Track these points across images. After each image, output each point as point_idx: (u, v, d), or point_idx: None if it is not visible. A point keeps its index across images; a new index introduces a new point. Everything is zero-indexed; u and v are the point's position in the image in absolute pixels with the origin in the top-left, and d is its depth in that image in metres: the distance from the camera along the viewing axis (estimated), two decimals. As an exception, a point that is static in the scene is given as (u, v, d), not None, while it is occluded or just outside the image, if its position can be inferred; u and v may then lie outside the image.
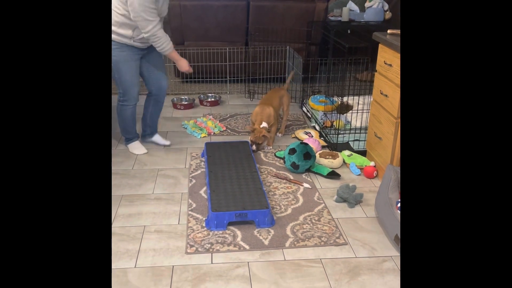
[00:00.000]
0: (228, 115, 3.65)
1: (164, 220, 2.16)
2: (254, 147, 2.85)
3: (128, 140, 2.89)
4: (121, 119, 2.76)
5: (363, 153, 2.89)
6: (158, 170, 2.69)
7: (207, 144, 2.84)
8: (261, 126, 2.88)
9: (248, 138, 3.16)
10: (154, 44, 2.47)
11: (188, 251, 1.95)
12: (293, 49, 3.98)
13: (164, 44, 2.48)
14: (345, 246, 2.02)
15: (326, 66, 3.89)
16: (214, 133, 3.27)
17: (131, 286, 1.74)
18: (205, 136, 3.21)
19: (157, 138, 3.02)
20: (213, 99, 3.88)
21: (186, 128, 3.34)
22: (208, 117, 3.50)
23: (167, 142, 2.99)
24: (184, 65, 2.69)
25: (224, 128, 3.35)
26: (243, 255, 1.93)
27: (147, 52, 2.65)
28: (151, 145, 3.02)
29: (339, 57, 3.10)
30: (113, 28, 2.40)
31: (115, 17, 2.37)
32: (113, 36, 2.42)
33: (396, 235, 1.97)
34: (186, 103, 3.78)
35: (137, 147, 2.89)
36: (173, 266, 1.86)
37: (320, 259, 1.92)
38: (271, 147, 3.00)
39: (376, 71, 2.62)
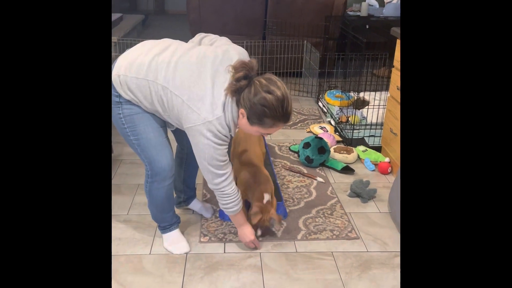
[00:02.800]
0: (244, 108, 3.67)
1: (179, 210, 2.20)
2: (259, 232, 1.97)
3: (164, 228, 1.94)
4: (150, 201, 1.84)
5: (378, 149, 2.88)
6: (174, 160, 2.73)
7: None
8: (265, 200, 1.93)
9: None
10: (217, 198, 1.76)
11: (202, 240, 1.99)
12: (311, 44, 3.97)
13: (231, 204, 1.74)
14: (356, 240, 2.03)
15: (344, 61, 3.87)
16: (230, 125, 3.29)
17: (146, 272, 1.78)
18: (220, 129, 3.24)
19: (197, 205, 2.18)
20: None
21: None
22: (224, 110, 3.53)
23: (209, 213, 2.17)
24: (248, 236, 1.88)
25: (240, 121, 3.37)
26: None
27: None
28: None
29: (357, 52, 3.09)
30: (126, 91, 1.56)
31: (141, 88, 1.55)
32: (124, 95, 1.57)
33: (408, 231, 1.97)
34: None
35: (175, 242, 1.93)
36: (186, 254, 1.90)
37: (332, 252, 1.94)
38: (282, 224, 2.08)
39: (393, 66, 2.60)
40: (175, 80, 1.50)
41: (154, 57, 1.54)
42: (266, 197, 1.94)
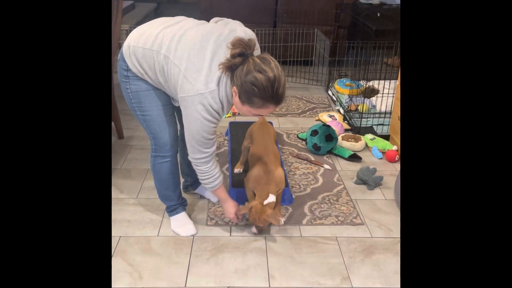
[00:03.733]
0: (254, 96, 3.69)
1: (187, 194, 2.25)
2: (254, 229, 1.94)
3: (171, 210, 1.99)
4: (156, 178, 1.90)
5: (386, 137, 2.88)
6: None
7: (231, 123, 2.90)
8: (266, 201, 1.87)
9: (270, 119, 3.20)
10: (197, 173, 1.78)
11: (209, 223, 2.03)
12: (321, 32, 3.96)
13: (209, 180, 1.76)
14: (361, 226, 2.05)
15: (353, 49, 3.85)
16: (238, 113, 3.32)
17: (154, 253, 1.84)
18: (229, 116, 3.27)
19: (204, 189, 2.23)
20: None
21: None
22: (233, 98, 3.55)
23: (215, 199, 2.19)
24: (230, 211, 1.91)
25: (249, 109, 3.40)
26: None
27: None
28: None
29: (368, 40, 3.07)
30: (134, 61, 1.61)
31: (146, 58, 1.59)
32: (137, 69, 1.63)
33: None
34: (213, 83, 3.84)
35: (182, 224, 1.97)
36: (193, 236, 1.94)
37: (336, 237, 1.97)
38: (282, 220, 1.86)
39: (402, 54, 2.59)
40: (176, 51, 1.53)
41: (163, 29, 1.58)
42: (271, 198, 1.89)
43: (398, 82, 2.71)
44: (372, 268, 1.78)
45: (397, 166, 2.61)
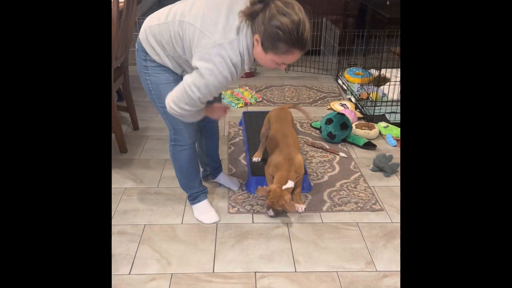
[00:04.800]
0: (264, 86, 3.71)
1: (207, 183, 2.27)
2: (271, 212, 1.98)
3: (193, 198, 2.01)
4: (176, 166, 1.91)
5: (399, 125, 2.90)
6: (199, 137, 2.80)
7: (244, 113, 2.91)
8: (285, 186, 1.92)
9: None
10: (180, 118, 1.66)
11: (230, 211, 2.06)
12: (330, 21, 3.95)
13: (190, 118, 1.66)
14: (381, 212, 2.08)
15: (363, 38, 3.85)
16: (251, 103, 3.34)
17: (179, 240, 1.87)
18: (242, 106, 3.28)
19: (223, 178, 2.24)
20: (248, 71, 3.93)
21: (223, 98, 3.42)
22: (244, 88, 3.57)
23: (236, 185, 2.23)
24: (214, 112, 1.78)
25: (260, 99, 3.41)
26: (282, 217, 2.02)
27: None
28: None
29: (378, 29, 3.08)
30: (157, 49, 1.60)
31: (168, 47, 1.58)
32: (153, 54, 1.62)
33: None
34: (222, 74, 3.85)
35: (205, 212, 1.99)
36: (217, 224, 1.97)
37: (357, 223, 2.00)
38: (303, 207, 2.03)
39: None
40: (191, 12, 1.49)
41: (175, 4, 1.58)
42: (289, 184, 1.93)
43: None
44: (394, 253, 1.81)
45: (412, 153, 2.63)
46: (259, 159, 2.35)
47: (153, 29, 1.59)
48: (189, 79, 1.49)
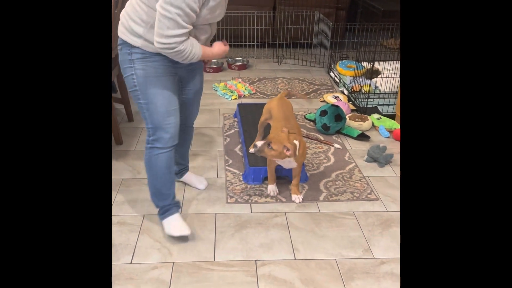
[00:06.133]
0: (257, 78, 3.72)
1: (204, 174, 2.28)
2: (259, 143, 1.93)
3: (164, 212, 1.84)
4: (151, 173, 1.76)
5: (391, 117, 2.95)
6: (194, 129, 2.80)
7: (239, 105, 2.92)
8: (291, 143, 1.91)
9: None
10: (172, 57, 1.53)
11: (229, 201, 2.08)
12: (322, 14, 3.98)
13: (191, 54, 1.53)
14: (376, 201, 2.12)
15: (353, 31, 3.89)
16: (244, 95, 3.35)
17: (179, 230, 1.88)
18: (235, 98, 3.29)
19: (190, 177, 2.16)
20: (241, 63, 3.94)
21: (216, 90, 3.42)
22: (237, 80, 3.57)
23: (203, 184, 2.15)
24: (219, 48, 1.69)
25: (254, 91, 3.43)
26: (280, 207, 2.05)
27: (184, 72, 1.77)
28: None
29: (370, 21, 3.11)
30: (138, 29, 1.53)
31: (141, 14, 1.52)
32: (138, 42, 1.55)
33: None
34: (215, 66, 3.85)
35: (175, 225, 1.81)
36: (215, 214, 1.99)
37: (353, 212, 2.03)
38: (300, 197, 2.08)
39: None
40: None
41: None
42: (296, 142, 1.93)
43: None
44: (391, 240, 1.86)
45: (405, 144, 2.68)
46: None
47: (126, 15, 1.56)
48: (159, 2, 1.42)
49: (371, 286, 1.62)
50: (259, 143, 1.91)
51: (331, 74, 3.80)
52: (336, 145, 2.62)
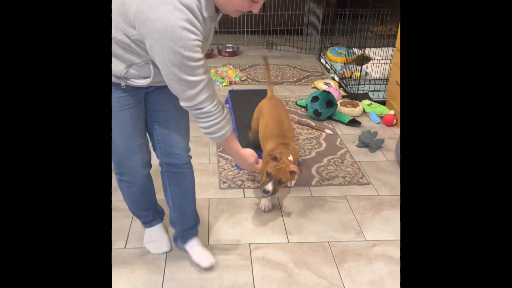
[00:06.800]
0: (248, 65, 3.70)
1: (196, 159, 2.28)
2: (270, 186, 1.70)
3: (145, 222, 1.67)
4: (126, 199, 1.58)
5: (381, 103, 2.97)
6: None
7: (230, 91, 2.92)
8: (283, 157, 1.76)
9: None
10: (198, 121, 1.27)
11: (222, 186, 2.08)
12: (313, 0, 3.96)
13: (215, 127, 1.27)
14: (367, 185, 2.15)
15: (344, 17, 3.88)
16: (235, 82, 3.33)
17: (172, 215, 1.88)
18: (226, 85, 3.28)
19: (194, 248, 1.62)
20: (231, 50, 3.92)
21: (207, 76, 3.40)
22: (228, 67, 3.55)
23: (208, 262, 1.59)
24: (250, 161, 1.47)
25: (245, 77, 3.41)
26: (272, 191, 2.06)
27: (153, 91, 1.39)
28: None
29: (361, 7, 3.11)
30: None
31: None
32: None
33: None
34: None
35: (155, 240, 1.67)
36: (209, 199, 2.00)
37: (345, 196, 2.06)
38: (292, 182, 1.80)
39: (392, 25, 2.65)
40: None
41: None
42: (290, 157, 1.78)
43: (395, 48, 2.78)
44: (382, 223, 1.89)
45: (395, 129, 2.71)
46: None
47: None
48: (162, 72, 1.16)
49: (363, 268, 1.65)
50: (269, 187, 1.69)
51: (322, 60, 3.80)
52: (328, 131, 2.64)
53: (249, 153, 1.47)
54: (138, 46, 1.15)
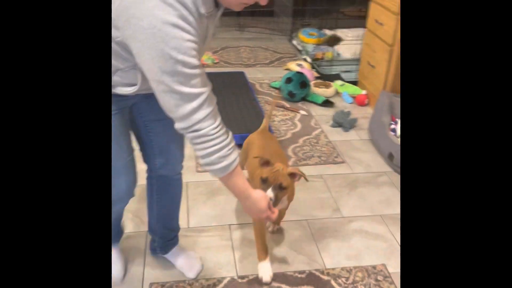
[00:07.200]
0: (219, 47, 3.66)
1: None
2: (271, 193, 1.37)
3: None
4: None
5: (353, 83, 3.01)
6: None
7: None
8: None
9: (242, 70, 3.20)
10: (193, 147, 1.04)
11: (199, 169, 2.08)
12: (283, -19, 3.94)
13: (216, 156, 1.04)
14: (343, 164, 2.19)
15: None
16: (208, 64, 3.30)
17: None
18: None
19: (179, 256, 1.55)
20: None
21: (179, 59, 3.35)
22: (200, 49, 3.50)
23: (194, 272, 1.52)
24: (262, 206, 1.19)
25: (218, 60, 3.38)
26: (250, 173, 2.08)
27: (140, 99, 1.21)
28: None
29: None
30: None
31: None
32: None
33: (389, 153, 2.16)
34: (175, 35, 3.75)
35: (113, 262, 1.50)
36: (187, 182, 1.99)
37: (321, 175, 2.10)
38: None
39: (362, 6, 2.67)
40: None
41: None
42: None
43: (366, 28, 2.81)
44: (357, 200, 1.94)
45: (367, 109, 2.76)
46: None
47: None
48: (150, 81, 0.97)
49: (342, 243, 1.69)
50: (271, 194, 1.38)
51: (294, 42, 3.80)
52: (302, 112, 2.66)
53: (260, 196, 1.18)
54: (123, 49, 0.98)
